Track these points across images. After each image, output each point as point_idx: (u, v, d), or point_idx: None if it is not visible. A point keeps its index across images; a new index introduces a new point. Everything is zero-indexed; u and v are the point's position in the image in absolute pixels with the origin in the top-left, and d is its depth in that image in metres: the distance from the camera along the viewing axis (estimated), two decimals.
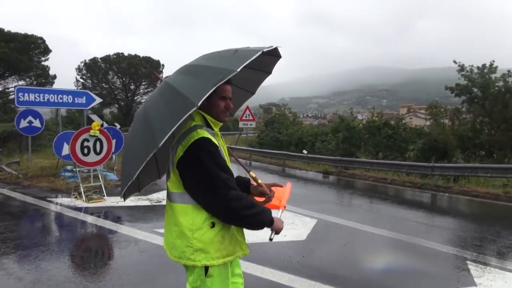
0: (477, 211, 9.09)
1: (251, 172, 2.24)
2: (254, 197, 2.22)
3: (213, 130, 1.92)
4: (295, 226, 6.42)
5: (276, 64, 2.26)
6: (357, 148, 20.85)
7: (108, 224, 6.38)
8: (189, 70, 1.87)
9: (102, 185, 8.69)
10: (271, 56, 2.14)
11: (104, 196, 8.32)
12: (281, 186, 2.28)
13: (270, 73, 2.31)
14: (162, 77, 2.34)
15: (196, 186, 1.81)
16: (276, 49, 1.96)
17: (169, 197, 1.93)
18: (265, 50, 1.78)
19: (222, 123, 2.00)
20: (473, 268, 4.68)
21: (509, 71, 15.45)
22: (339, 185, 12.68)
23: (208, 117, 1.93)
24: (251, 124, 20.90)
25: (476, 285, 4.13)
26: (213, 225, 1.83)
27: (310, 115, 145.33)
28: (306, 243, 5.51)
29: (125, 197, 2.08)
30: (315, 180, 13.67)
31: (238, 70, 1.64)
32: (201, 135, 1.80)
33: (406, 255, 5.32)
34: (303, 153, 18.28)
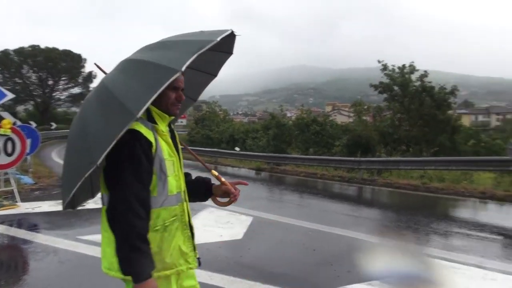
0: (400, 201, 9.68)
1: (213, 171, 2.03)
2: (216, 198, 2.01)
3: (155, 124, 1.66)
4: (231, 225, 6.27)
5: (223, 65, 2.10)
6: (288, 144, 21.35)
7: (22, 234, 5.69)
8: (155, 47, 1.68)
9: (15, 190, 7.79)
10: (222, 53, 1.98)
11: (17, 202, 7.46)
12: (246, 184, 2.09)
13: (215, 76, 2.13)
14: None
15: (106, 185, 1.57)
16: (232, 45, 1.89)
17: (101, 199, 1.67)
18: (236, 34, 1.70)
19: (172, 117, 1.76)
20: None
21: (425, 71, 16.79)
22: (271, 181, 12.82)
23: (155, 110, 1.68)
24: (181, 122, 20.36)
25: None
26: None
27: (240, 113, 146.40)
28: (243, 242, 5.38)
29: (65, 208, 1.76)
30: (248, 177, 13.67)
31: (218, 39, 1.53)
32: (131, 127, 1.51)
33: (339, 247, 5.42)
34: (235, 150, 18.24)
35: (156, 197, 1.61)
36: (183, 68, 1.42)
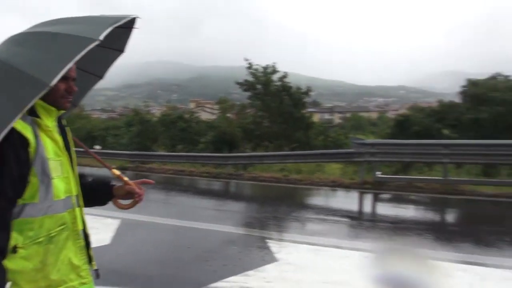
0: (265, 194, 10.29)
1: (114, 170, 1.76)
2: (118, 200, 1.76)
3: (38, 117, 1.38)
4: (96, 230, 5.72)
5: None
6: (153, 141, 20.72)
7: None
8: (57, 22, 1.45)
9: None
10: (112, 51, 1.77)
11: None
12: (152, 183, 1.88)
13: (101, 77, 1.89)
14: None
15: None
16: (126, 42, 1.75)
17: None
18: (135, 27, 1.60)
19: (61, 112, 1.49)
20: (272, 245, 5.16)
21: (285, 72, 18.18)
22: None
23: (40, 103, 1.39)
24: None
25: (277, 260, 4.56)
26: (14, 250, 1.30)
27: (98, 108, 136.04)
28: (111, 247, 5.00)
29: None
30: (111, 178, 12.79)
31: (131, 17, 1.46)
32: None
33: (213, 243, 5.46)
34: (95, 149, 16.85)
35: (37, 204, 1.34)
36: (102, 37, 1.24)
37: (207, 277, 4.06)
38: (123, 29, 1.57)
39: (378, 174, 9.71)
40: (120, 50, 1.77)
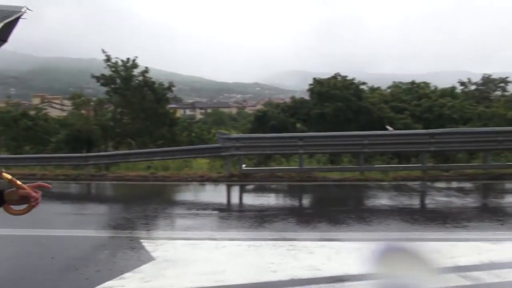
0: (133, 193, 9.89)
1: (4, 174, 1.48)
2: (10, 206, 1.49)
3: None
4: None
5: None
6: None
7: None
8: None
9: None
10: None
11: None
12: (48, 187, 1.63)
13: None
14: None
15: None
16: (10, 31, 1.55)
17: None
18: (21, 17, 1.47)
19: None
20: (147, 244, 5.06)
21: (146, 67, 17.68)
22: None
23: None
24: None
25: (154, 259, 4.51)
26: None
27: None
28: None
29: None
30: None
31: (23, 10, 1.39)
32: None
33: (80, 249, 5.10)
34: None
35: None
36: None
37: (80, 286, 3.81)
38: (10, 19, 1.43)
39: (244, 166, 10.28)
40: (3, 40, 1.58)
